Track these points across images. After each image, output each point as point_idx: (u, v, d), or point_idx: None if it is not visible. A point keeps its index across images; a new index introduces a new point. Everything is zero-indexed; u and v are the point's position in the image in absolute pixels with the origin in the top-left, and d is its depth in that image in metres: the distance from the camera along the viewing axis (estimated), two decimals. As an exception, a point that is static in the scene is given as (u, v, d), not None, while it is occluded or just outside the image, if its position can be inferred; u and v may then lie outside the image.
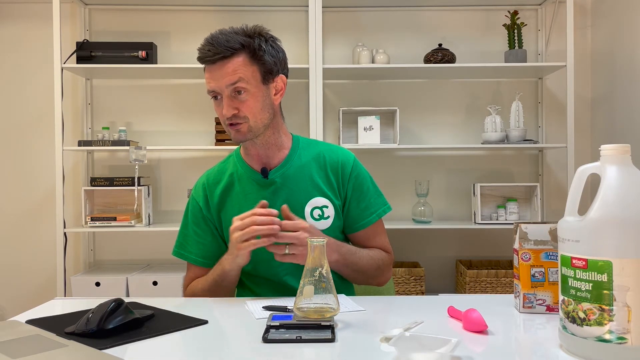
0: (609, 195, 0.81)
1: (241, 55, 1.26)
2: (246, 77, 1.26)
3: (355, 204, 1.40)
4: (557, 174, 2.84)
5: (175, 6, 2.83)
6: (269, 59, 1.29)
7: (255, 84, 1.28)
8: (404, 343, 0.83)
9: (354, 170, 1.40)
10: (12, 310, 2.79)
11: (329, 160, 1.40)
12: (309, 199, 1.36)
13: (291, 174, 1.37)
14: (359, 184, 1.41)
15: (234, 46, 1.25)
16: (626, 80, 2.49)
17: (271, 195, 1.36)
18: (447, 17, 2.86)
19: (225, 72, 1.25)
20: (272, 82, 1.32)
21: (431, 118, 2.85)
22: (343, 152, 1.43)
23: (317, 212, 1.36)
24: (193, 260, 1.40)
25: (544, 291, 1.08)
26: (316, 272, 1.01)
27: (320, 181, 1.38)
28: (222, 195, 1.40)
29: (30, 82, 2.82)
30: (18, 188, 2.83)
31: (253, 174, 1.38)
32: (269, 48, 1.30)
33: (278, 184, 1.37)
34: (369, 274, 1.37)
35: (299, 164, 1.39)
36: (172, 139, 2.83)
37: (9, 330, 0.91)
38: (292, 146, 1.41)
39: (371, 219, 1.41)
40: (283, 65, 1.35)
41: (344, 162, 1.40)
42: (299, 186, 1.37)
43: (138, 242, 2.83)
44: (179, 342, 0.94)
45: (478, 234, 2.86)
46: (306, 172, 1.38)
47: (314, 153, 1.41)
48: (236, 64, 1.26)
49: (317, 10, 2.53)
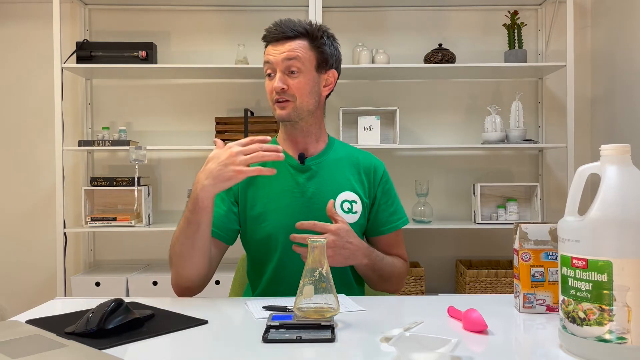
0: (609, 195, 0.81)
1: (303, 40, 1.35)
2: (303, 58, 1.34)
3: (385, 207, 1.46)
4: (557, 174, 2.84)
5: (175, 6, 2.83)
6: (327, 50, 1.38)
7: (310, 68, 1.35)
8: (404, 343, 0.83)
9: (384, 176, 1.48)
10: (12, 310, 2.79)
11: (362, 161, 1.47)
12: (340, 191, 1.40)
13: (326, 165, 1.42)
14: (388, 189, 1.48)
15: (298, 30, 1.35)
16: (626, 80, 2.49)
17: (304, 181, 1.40)
18: (447, 17, 2.86)
19: (286, 49, 1.33)
20: (325, 73, 1.39)
21: (431, 118, 2.85)
22: (375, 158, 1.52)
23: (346, 205, 1.40)
24: None
25: (544, 291, 1.08)
26: (316, 272, 1.01)
27: (352, 178, 1.43)
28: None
29: (30, 82, 2.82)
30: (18, 188, 2.83)
31: (288, 158, 1.41)
32: (329, 42, 1.39)
33: (313, 171, 1.41)
34: (391, 280, 1.42)
35: (334, 158, 1.44)
36: (172, 139, 2.83)
37: (9, 330, 0.91)
38: (328, 142, 1.47)
39: (397, 225, 1.47)
40: (338, 63, 1.43)
41: (376, 166, 1.48)
42: (332, 178, 1.41)
43: (138, 242, 2.83)
44: (179, 342, 0.94)
45: (478, 234, 2.85)
46: (340, 166, 1.44)
47: (348, 152, 1.48)
48: (297, 44, 1.34)
49: (317, 10, 2.53)
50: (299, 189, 1.39)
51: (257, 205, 1.39)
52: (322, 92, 1.40)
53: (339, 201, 1.39)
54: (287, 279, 1.34)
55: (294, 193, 1.38)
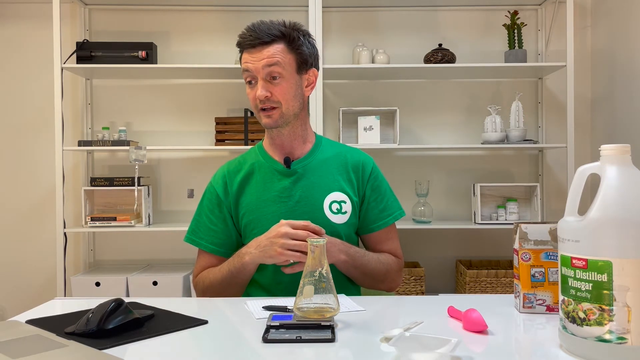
0: (609, 195, 0.81)
1: (280, 43, 1.32)
2: (283, 63, 1.31)
3: (374, 205, 1.44)
4: (557, 174, 2.84)
5: (175, 6, 2.83)
6: (306, 50, 1.35)
7: (290, 72, 1.33)
8: (404, 343, 0.83)
9: (373, 172, 1.46)
10: (12, 310, 2.79)
11: (350, 160, 1.45)
12: (328, 192, 1.40)
13: (313, 167, 1.41)
14: (377, 185, 1.46)
15: (274, 33, 1.31)
16: (626, 80, 2.49)
17: (291, 185, 1.39)
18: (447, 17, 2.86)
19: (264, 55, 1.30)
20: (306, 73, 1.37)
21: (431, 118, 2.85)
22: (364, 154, 1.49)
23: (335, 205, 1.39)
24: (204, 247, 1.42)
25: (544, 291, 1.08)
26: (316, 272, 1.01)
27: (340, 178, 1.42)
28: (241, 182, 1.42)
29: (30, 82, 2.82)
30: (18, 188, 2.83)
31: (274, 164, 1.41)
32: (306, 41, 1.36)
33: (299, 174, 1.40)
34: (378, 277, 1.40)
35: (321, 158, 1.43)
36: (172, 139, 2.83)
37: (9, 330, 0.91)
38: (315, 142, 1.46)
39: (387, 221, 1.45)
40: (316, 60, 1.41)
41: (364, 163, 1.46)
42: (320, 179, 1.40)
43: (138, 242, 2.83)
44: (179, 342, 0.94)
45: (478, 234, 2.85)
46: (327, 167, 1.42)
47: (335, 151, 1.46)
48: (275, 49, 1.31)
49: (317, 10, 2.53)
50: (286, 194, 1.39)
51: (247, 213, 1.40)
52: (305, 93, 1.38)
53: (327, 202, 1.39)
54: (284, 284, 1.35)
55: (281, 198, 1.38)
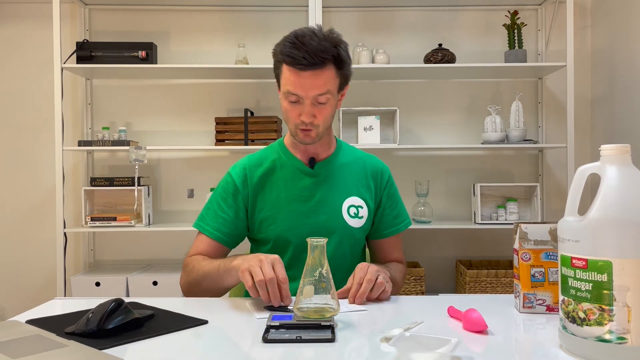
0: (609, 195, 0.81)
1: (331, 67, 1.28)
2: (332, 90, 1.30)
3: (389, 211, 1.48)
4: (557, 174, 2.84)
5: (175, 6, 2.83)
6: (348, 70, 1.34)
7: (334, 94, 1.33)
8: (404, 343, 0.83)
9: (390, 179, 1.50)
10: (12, 310, 2.79)
11: (369, 166, 1.48)
12: (347, 196, 1.42)
13: (334, 170, 1.44)
14: (393, 192, 1.50)
15: (326, 57, 1.26)
16: (626, 80, 2.49)
17: (312, 185, 1.41)
18: (447, 17, 2.85)
19: (317, 84, 1.27)
20: (343, 89, 1.37)
21: (431, 118, 2.85)
22: (381, 162, 1.53)
23: (353, 210, 1.42)
24: (208, 232, 1.41)
25: (544, 291, 1.08)
26: (316, 272, 1.01)
27: (359, 183, 1.45)
28: (262, 177, 1.43)
29: (30, 82, 2.82)
30: (18, 188, 2.83)
31: (297, 163, 1.43)
32: (348, 58, 1.33)
33: (321, 176, 1.42)
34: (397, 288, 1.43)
35: (342, 162, 1.46)
36: (172, 139, 2.83)
37: (9, 330, 0.91)
38: (337, 146, 1.48)
39: (399, 228, 1.50)
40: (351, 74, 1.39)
41: (382, 170, 1.49)
42: (340, 182, 1.43)
43: (138, 242, 2.83)
44: (179, 342, 0.94)
45: (478, 234, 2.85)
46: (348, 171, 1.45)
47: (355, 157, 1.49)
48: (327, 76, 1.27)
49: (317, 10, 2.53)
50: (307, 193, 1.40)
51: (265, 208, 1.41)
52: (338, 106, 1.39)
53: (346, 206, 1.41)
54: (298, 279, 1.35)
55: (302, 197, 1.40)
